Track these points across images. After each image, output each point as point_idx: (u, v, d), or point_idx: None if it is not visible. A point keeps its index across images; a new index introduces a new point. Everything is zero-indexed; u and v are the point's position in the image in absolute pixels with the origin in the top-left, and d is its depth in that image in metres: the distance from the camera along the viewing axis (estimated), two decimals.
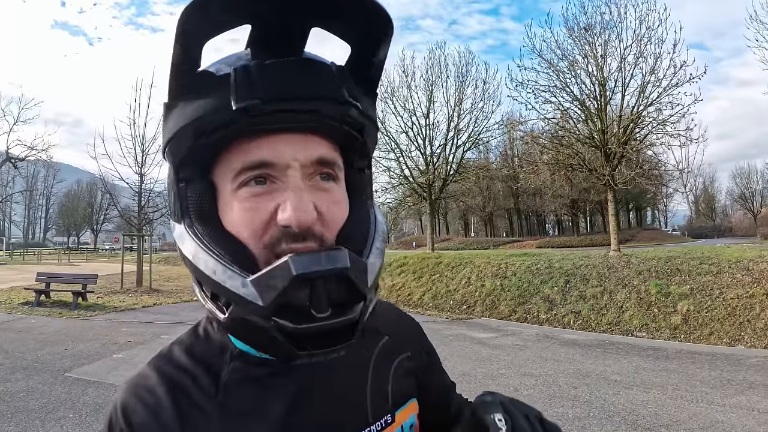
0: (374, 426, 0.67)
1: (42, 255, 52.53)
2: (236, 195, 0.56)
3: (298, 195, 0.54)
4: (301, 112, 0.54)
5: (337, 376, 0.67)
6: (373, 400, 0.69)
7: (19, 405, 5.64)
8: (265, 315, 0.51)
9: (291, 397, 0.62)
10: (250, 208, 0.56)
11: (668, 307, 10.80)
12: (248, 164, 0.55)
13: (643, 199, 57.78)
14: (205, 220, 0.58)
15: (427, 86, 24.21)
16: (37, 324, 11.05)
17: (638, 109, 15.23)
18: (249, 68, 0.53)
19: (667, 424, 5.11)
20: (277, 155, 0.55)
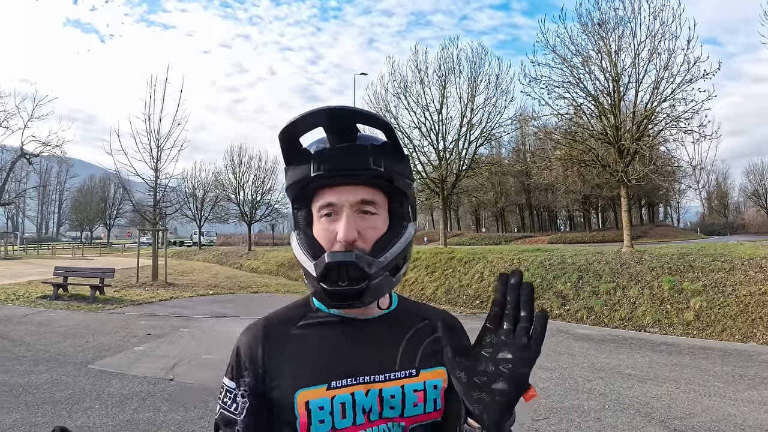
0: (399, 373, 1.00)
1: (56, 249, 53.06)
2: (319, 221, 0.98)
3: (347, 223, 0.93)
4: (348, 176, 0.94)
5: (378, 335, 1.03)
6: (403, 356, 1.03)
7: (45, 396, 5.76)
8: (317, 281, 0.92)
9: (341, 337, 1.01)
10: (324, 228, 0.96)
11: (681, 304, 10.83)
12: (323, 204, 0.96)
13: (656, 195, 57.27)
14: (306, 231, 1.00)
15: (440, 81, 24.13)
16: (56, 317, 11.23)
17: (652, 105, 15.16)
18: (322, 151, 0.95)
19: (680, 417, 5.19)
20: (337, 198, 0.95)
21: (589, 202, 49.98)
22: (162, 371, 6.98)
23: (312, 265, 0.93)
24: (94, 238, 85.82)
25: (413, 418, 0.99)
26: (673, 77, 14.69)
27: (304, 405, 0.93)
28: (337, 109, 0.92)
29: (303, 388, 0.94)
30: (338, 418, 0.93)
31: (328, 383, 0.95)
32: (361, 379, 0.97)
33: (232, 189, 41.38)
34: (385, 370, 0.99)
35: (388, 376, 0.99)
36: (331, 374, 0.96)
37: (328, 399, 0.94)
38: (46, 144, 40.49)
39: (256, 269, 29.16)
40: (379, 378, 0.98)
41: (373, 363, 0.99)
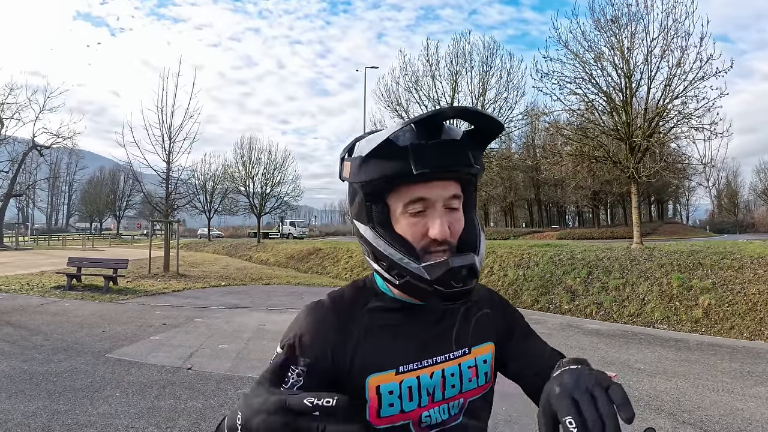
0: (456, 352, 1.04)
1: (66, 240, 53.40)
2: (405, 216, 0.94)
3: (441, 220, 0.92)
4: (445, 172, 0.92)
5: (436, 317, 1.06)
6: (458, 335, 1.06)
7: (66, 384, 5.84)
8: (430, 284, 0.91)
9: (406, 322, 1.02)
10: (413, 224, 0.94)
11: (690, 301, 10.88)
12: (413, 198, 0.93)
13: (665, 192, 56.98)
14: (384, 226, 0.96)
15: (452, 76, 24.18)
16: (71, 307, 11.34)
17: (664, 102, 15.17)
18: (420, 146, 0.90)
19: (689, 410, 5.28)
20: (431, 194, 0.93)
21: (598, 198, 49.87)
22: (180, 360, 7.09)
23: (419, 268, 0.90)
24: (104, 229, 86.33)
25: (470, 393, 1.04)
26: (686, 74, 14.69)
27: (375, 389, 0.95)
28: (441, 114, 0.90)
29: (374, 373, 0.96)
30: (406, 401, 0.96)
31: (397, 368, 0.97)
32: (426, 362, 1.00)
33: (241, 181, 41.59)
34: (445, 351, 1.03)
35: (448, 356, 1.03)
36: (398, 359, 0.98)
37: (397, 383, 0.96)
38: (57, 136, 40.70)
39: (265, 261, 29.29)
40: (440, 359, 1.01)
41: (433, 345, 1.02)
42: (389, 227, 0.95)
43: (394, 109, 24.76)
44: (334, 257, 23.65)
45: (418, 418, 0.97)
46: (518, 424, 4.81)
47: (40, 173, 66.29)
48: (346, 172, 0.99)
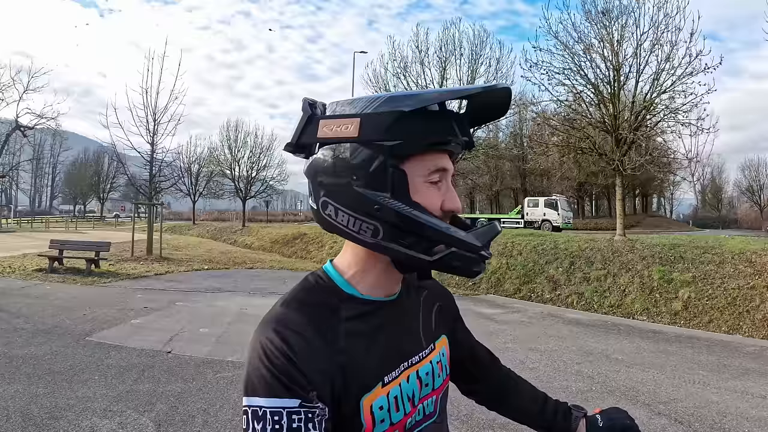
0: (426, 351, 0.99)
1: (49, 223, 52.90)
2: (425, 185, 0.85)
3: (455, 192, 0.90)
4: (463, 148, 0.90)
5: (404, 315, 0.98)
6: (424, 331, 1.01)
7: (45, 367, 5.84)
8: (479, 250, 0.83)
9: (382, 326, 0.91)
10: (432, 195, 0.86)
11: (670, 293, 11.00)
12: (438, 167, 0.86)
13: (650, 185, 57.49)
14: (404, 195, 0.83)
15: (441, 63, 24.15)
16: (52, 290, 11.32)
17: (651, 96, 15.18)
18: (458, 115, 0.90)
19: (665, 401, 5.36)
20: (449, 165, 0.89)
21: (583, 189, 50.29)
22: (160, 344, 7.08)
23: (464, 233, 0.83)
24: (88, 211, 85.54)
25: (439, 388, 1.01)
26: (674, 69, 14.69)
27: (369, 410, 0.84)
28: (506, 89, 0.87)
29: (367, 392, 0.84)
30: (394, 413, 0.87)
31: (382, 380, 0.87)
32: (403, 365, 0.92)
33: (227, 164, 41.36)
34: (417, 351, 0.97)
35: (420, 356, 0.97)
36: (382, 370, 0.88)
37: (385, 397, 0.87)
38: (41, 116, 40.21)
39: (250, 245, 29.21)
40: (415, 360, 0.95)
41: (408, 346, 0.95)
42: (408, 197, 0.83)
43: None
44: (318, 242, 23.61)
45: (403, 427, 0.90)
46: None
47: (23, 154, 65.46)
48: (351, 130, 0.82)
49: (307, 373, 0.78)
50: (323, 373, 0.79)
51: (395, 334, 0.93)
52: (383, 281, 0.92)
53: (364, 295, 0.91)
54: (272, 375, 0.76)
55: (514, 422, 1.20)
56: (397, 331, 0.94)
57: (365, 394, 0.84)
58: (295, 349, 0.79)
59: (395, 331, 0.93)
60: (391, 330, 0.92)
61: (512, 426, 4.53)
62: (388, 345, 0.90)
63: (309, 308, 0.87)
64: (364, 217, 0.83)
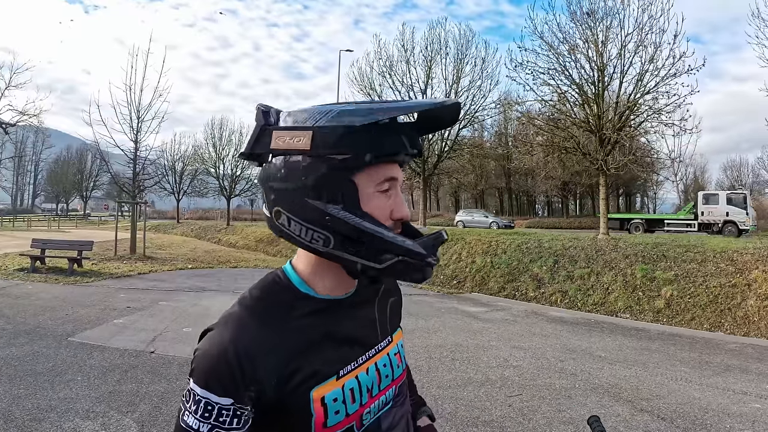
0: (383, 342, 1.03)
1: (32, 222, 52.23)
2: (375, 195, 0.88)
3: (404, 201, 0.92)
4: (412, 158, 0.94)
5: (360, 310, 1.00)
6: (381, 325, 1.05)
7: (27, 368, 5.76)
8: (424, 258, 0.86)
9: (336, 322, 0.94)
10: (382, 205, 0.89)
11: (653, 291, 11.12)
12: (387, 177, 0.89)
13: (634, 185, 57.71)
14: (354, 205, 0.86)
15: (426, 62, 24.09)
16: (34, 290, 11.18)
17: (635, 96, 15.35)
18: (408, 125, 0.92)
19: (647, 398, 5.42)
20: (399, 174, 0.92)
21: (567, 188, 50.47)
22: (143, 344, 7.02)
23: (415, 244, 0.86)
24: (70, 210, 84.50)
25: (398, 379, 1.05)
26: (658, 70, 14.86)
27: (320, 401, 0.87)
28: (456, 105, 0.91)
29: (317, 385, 0.87)
30: (350, 404, 0.91)
31: (337, 373, 0.91)
32: (361, 359, 0.96)
33: (211, 163, 41.08)
34: (374, 344, 1.00)
35: (377, 348, 1.01)
36: (338, 363, 0.91)
37: (340, 389, 0.90)
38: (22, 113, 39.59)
39: (234, 244, 29.09)
40: (372, 353, 0.99)
41: (364, 340, 0.99)
42: (358, 207, 0.86)
43: (367, 93, 24.61)
44: None
45: (359, 418, 0.93)
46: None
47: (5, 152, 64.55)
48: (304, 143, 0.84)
49: (247, 374, 0.82)
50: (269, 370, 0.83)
51: (352, 328, 0.97)
52: (338, 282, 0.95)
53: (320, 294, 0.94)
54: (215, 374, 0.82)
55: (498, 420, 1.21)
56: (354, 326, 0.97)
57: (315, 387, 0.87)
58: (240, 351, 0.83)
59: (352, 326, 0.97)
60: (348, 325, 0.96)
61: (497, 423, 4.58)
62: (344, 340, 0.94)
63: (263, 307, 0.91)
64: (315, 227, 0.86)
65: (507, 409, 4.95)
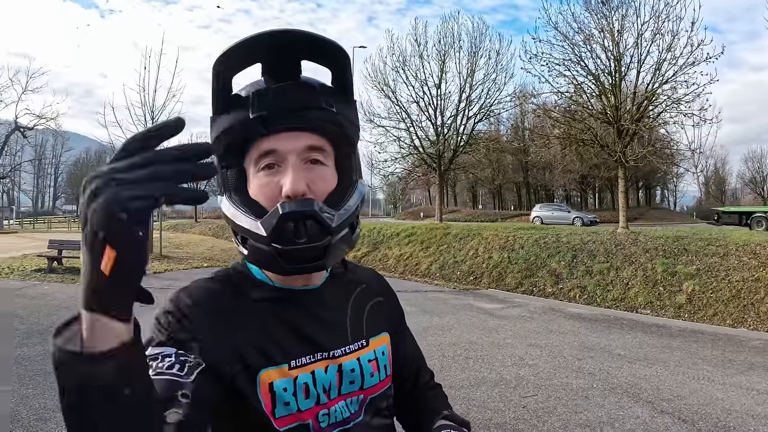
0: (352, 345, 0.93)
1: (52, 223, 52.99)
2: (257, 176, 0.84)
3: (294, 173, 0.80)
4: (294, 117, 0.81)
5: (326, 306, 0.94)
6: (352, 327, 0.96)
7: (37, 368, 5.77)
8: (267, 242, 0.78)
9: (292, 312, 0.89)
10: (265, 183, 0.82)
11: (674, 286, 10.87)
12: (261, 153, 0.82)
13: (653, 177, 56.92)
14: (239, 191, 0.85)
15: (440, 56, 23.97)
16: (50, 290, 11.24)
17: (653, 86, 15.05)
18: (260, 91, 0.81)
19: (668, 399, 5.23)
20: (279, 145, 0.81)
21: (586, 182, 49.93)
22: None
23: (257, 224, 0.79)
24: None
25: (372, 389, 0.94)
26: (676, 59, 14.57)
27: (268, 387, 0.82)
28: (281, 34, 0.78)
29: (266, 367, 0.82)
30: (302, 399, 0.84)
31: (289, 363, 0.84)
32: (319, 355, 0.88)
33: None
34: (340, 344, 0.92)
35: (345, 350, 0.92)
36: (290, 353, 0.85)
37: (291, 380, 0.83)
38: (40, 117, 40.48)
39: None
40: (337, 353, 0.90)
41: (327, 337, 0.90)
42: (245, 193, 0.85)
43: (381, 89, 24.56)
44: None
45: (315, 417, 0.85)
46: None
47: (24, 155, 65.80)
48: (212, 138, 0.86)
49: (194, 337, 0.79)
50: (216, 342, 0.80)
51: (309, 323, 0.90)
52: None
53: (275, 283, 0.90)
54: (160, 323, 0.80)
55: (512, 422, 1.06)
56: (312, 321, 0.90)
57: (264, 369, 0.82)
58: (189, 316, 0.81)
59: (309, 321, 0.90)
60: (304, 318, 0.90)
61: (510, 425, 4.43)
62: (299, 332, 0.88)
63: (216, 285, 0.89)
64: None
65: (521, 411, 4.81)
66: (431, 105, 24.06)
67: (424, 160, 24.84)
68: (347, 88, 0.88)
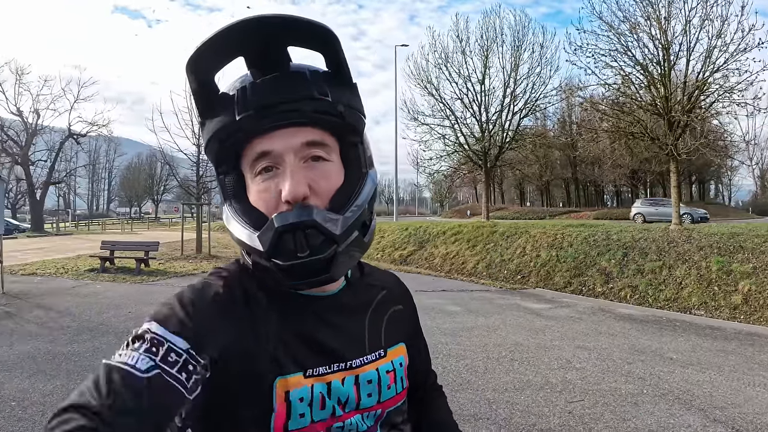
0: (370, 356, 0.86)
1: (106, 225, 55.02)
2: (254, 181, 0.77)
3: (293, 176, 0.73)
4: (285, 112, 0.73)
5: (344, 313, 0.87)
6: (370, 336, 0.89)
7: (85, 364, 5.97)
8: (266, 257, 0.73)
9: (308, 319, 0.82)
10: (263, 189, 0.76)
11: (729, 286, 10.39)
12: (255, 156, 0.75)
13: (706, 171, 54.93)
14: (238, 199, 0.79)
15: (482, 51, 23.72)
16: (101, 289, 11.60)
17: (704, 75, 14.46)
18: (245, 88, 0.74)
19: (721, 407, 4.96)
20: (274, 145, 0.74)
21: (637, 177, 48.60)
22: None
23: (255, 237, 0.73)
24: (143, 213, 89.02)
25: (389, 402, 0.88)
26: (726, 46, 13.95)
27: (284, 396, 0.75)
28: (255, 22, 0.70)
29: (282, 375, 0.75)
30: (317, 410, 0.77)
31: (305, 371, 0.78)
32: (336, 366, 0.81)
33: None
34: (358, 354, 0.85)
35: (362, 360, 0.85)
36: (306, 361, 0.78)
37: (308, 389, 0.77)
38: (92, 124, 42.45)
39: None
40: (355, 363, 0.84)
41: (344, 346, 0.83)
42: (245, 200, 0.79)
43: (424, 86, 24.47)
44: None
45: (328, 430, 0.79)
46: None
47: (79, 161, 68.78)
48: None
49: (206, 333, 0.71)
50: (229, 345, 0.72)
51: (326, 331, 0.83)
52: None
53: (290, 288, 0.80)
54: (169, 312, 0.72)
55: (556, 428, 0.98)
56: (329, 329, 0.83)
57: (280, 376, 0.75)
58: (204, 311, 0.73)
59: (326, 329, 0.83)
60: (321, 326, 0.82)
61: (554, 431, 4.29)
62: (315, 340, 0.81)
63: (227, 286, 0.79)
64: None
65: (566, 417, 4.65)
66: (475, 101, 23.83)
67: (470, 158, 24.64)
68: (343, 70, 0.78)
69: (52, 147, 45.03)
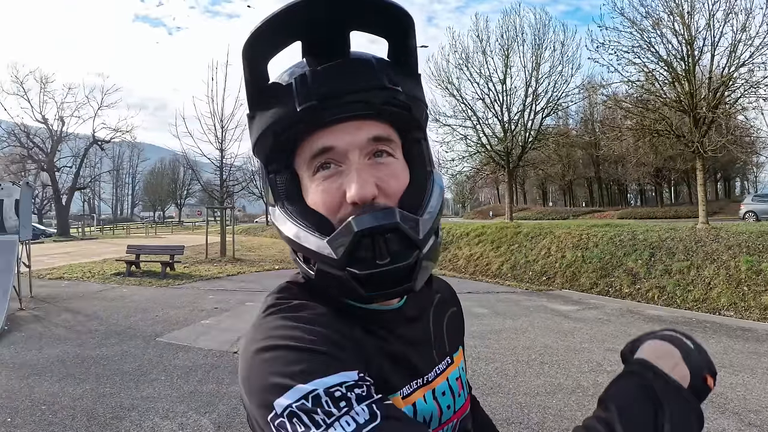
0: (440, 366, 0.81)
1: (130, 229, 55.79)
2: (312, 180, 0.70)
3: (359, 174, 0.66)
4: (351, 103, 0.66)
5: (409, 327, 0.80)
6: (436, 345, 0.83)
7: (115, 368, 6.04)
8: (340, 266, 0.64)
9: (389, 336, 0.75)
10: (324, 189, 0.68)
11: (759, 286, 10.15)
12: (314, 152, 0.68)
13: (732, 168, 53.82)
14: (293, 200, 0.71)
15: (503, 51, 23.53)
16: (128, 293, 11.76)
17: (729, 70, 14.17)
18: (305, 76, 0.66)
19: (755, 410, 4.85)
20: (337, 140, 0.67)
21: (661, 175, 47.78)
22: (227, 344, 7.17)
23: (324, 244, 0.65)
24: (167, 217, 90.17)
25: (461, 410, 0.83)
26: (751, 39, 13.63)
27: None
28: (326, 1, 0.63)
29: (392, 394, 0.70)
30: None
31: (401, 391, 0.72)
32: (416, 383, 0.75)
33: None
34: (430, 367, 0.79)
35: (436, 372, 0.79)
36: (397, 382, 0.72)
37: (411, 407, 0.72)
38: (116, 130, 43.30)
39: None
40: (430, 377, 0.78)
41: (418, 362, 0.77)
42: (300, 201, 0.71)
43: (445, 87, 24.37)
44: None
45: None
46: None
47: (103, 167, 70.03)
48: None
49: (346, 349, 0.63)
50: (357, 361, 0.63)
51: (405, 346, 0.76)
52: None
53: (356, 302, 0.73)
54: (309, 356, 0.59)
55: None
56: (403, 345, 0.76)
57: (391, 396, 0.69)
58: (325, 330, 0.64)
59: (401, 345, 0.76)
60: (400, 342, 0.76)
61: None
62: (396, 358, 0.74)
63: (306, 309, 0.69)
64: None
65: None
66: (497, 101, 23.69)
67: (492, 158, 24.47)
68: (411, 59, 0.72)
69: (77, 153, 46.06)
